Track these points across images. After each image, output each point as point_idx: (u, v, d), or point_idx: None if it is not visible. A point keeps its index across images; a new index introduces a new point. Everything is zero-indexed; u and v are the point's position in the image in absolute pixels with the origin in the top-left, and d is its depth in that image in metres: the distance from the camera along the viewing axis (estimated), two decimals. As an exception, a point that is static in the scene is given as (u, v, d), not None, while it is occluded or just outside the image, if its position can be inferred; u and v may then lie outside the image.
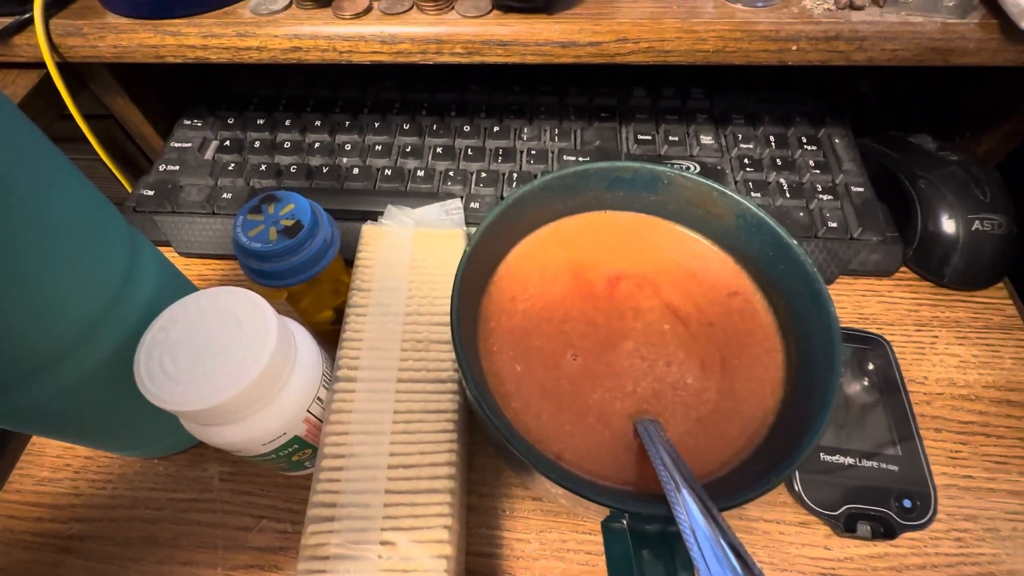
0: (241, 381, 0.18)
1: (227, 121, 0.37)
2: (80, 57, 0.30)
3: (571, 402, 0.20)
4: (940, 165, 0.31)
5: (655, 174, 0.23)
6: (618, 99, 0.38)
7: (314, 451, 0.23)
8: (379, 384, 0.22)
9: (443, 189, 0.33)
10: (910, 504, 0.24)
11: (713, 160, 0.34)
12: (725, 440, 0.19)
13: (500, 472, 0.26)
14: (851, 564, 0.24)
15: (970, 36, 0.26)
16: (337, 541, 0.19)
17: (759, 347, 0.21)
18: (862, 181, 0.33)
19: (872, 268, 0.31)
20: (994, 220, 0.29)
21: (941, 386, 0.28)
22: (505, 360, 0.21)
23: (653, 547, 0.16)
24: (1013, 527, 0.24)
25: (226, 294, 0.20)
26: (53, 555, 0.24)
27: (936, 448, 0.26)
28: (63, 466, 0.27)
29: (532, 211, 0.23)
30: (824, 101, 0.37)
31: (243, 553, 0.24)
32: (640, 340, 0.21)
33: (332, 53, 0.29)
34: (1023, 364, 0.29)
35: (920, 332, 0.30)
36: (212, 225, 0.33)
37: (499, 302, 0.22)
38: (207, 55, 0.30)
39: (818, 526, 0.25)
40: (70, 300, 0.18)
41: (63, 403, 0.20)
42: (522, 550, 0.24)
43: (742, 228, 0.22)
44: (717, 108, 0.37)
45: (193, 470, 0.26)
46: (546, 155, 0.35)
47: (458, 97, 0.38)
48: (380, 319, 0.24)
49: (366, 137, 0.36)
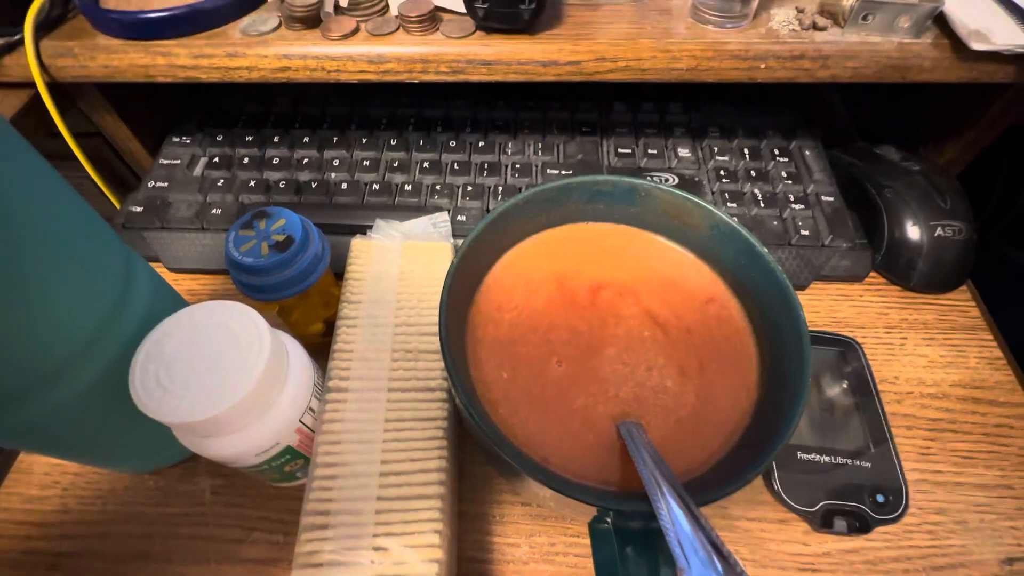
0: (236, 393, 0.18)
1: (216, 138, 0.38)
2: (70, 77, 0.31)
3: (556, 407, 0.21)
4: (904, 175, 0.33)
5: (633, 187, 0.24)
6: (599, 114, 0.39)
7: (306, 461, 0.24)
8: (370, 393, 0.23)
9: (430, 203, 0.34)
10: (883, 499, 0.25)
11: (691, 172, 0.36)
12: (703, 440, 0.20)
13: (490, 479, 0.27)
14: (829, 559, 0.25)
15: (925, 55, 0.28)
16: (331, 548, 0.19)
17: (735, 351, 0.22)
18: (832, 191, 0.34)
19: (843, 273, 0.32)
20: (955, 226, 0.31)
21: (911, 385, 0.29)
22: (492, 368, 0.21)
23: (636, 544, 0.17)
24: (980, 519, 0.26)
25: (220, 308, 0.20)
26: (42, 572, 0.24)
27: (907, 445, 0.27)
28: (51, 483, 0.27)
29: (516, 224, 0.24)
30: (795, 115, 0.39)
31: (236, 566, 0.24)
32: (622, 346, 0.22)
33: (320, 72, 0.30)
34: (987, 363, 0.30)
35: (890, 334, 0.31)
36: (202, 240, 0.33)
37: (486, 312, 0.23)
38: (197, 75, 0.30)
39: (797, 523, 0.25)
40: (67, 317, 0.18)
41: (59, 420, 0.20)
42: (512, 554, 0.25)
43: (716, 237, 0.23)
44: (694, 122, 0.39)
45: (184, 484, 0.26)
46: (530, 168, 0.36)
47: (444, 113, 0.39)
48: (370, 330, 0.25)
49: (354, 152, 0.37)
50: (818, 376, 0.29)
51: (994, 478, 0.27)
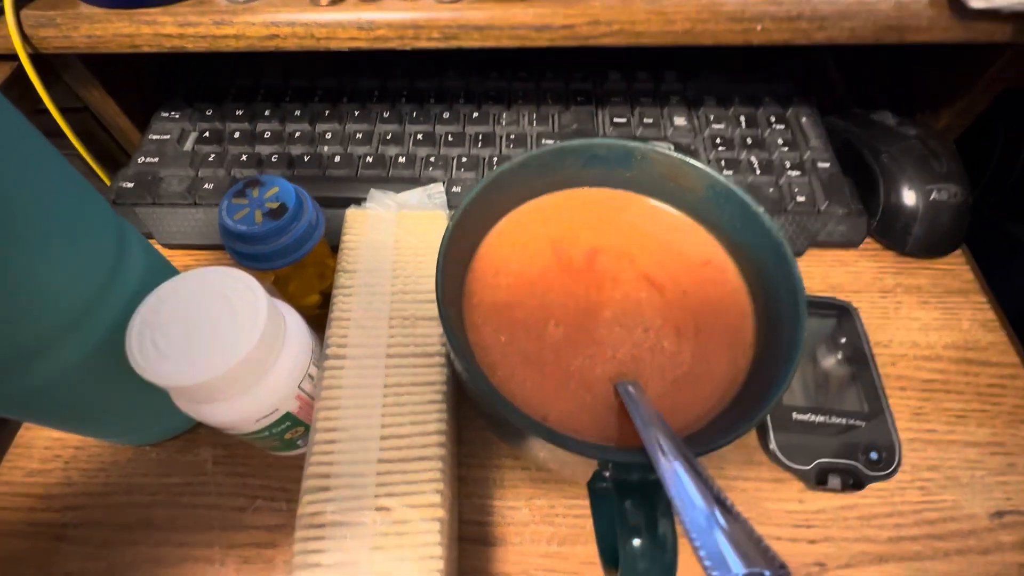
0: (233, 356, 0.18)
1: (205, 112, 0.37)
2: (53, 48, 0.30)
3: (554, 369, 0.21)
4: (900, 139, 0.33)
5: (628, 150, 0.24)
6: (594, 83, 0.39)
7: (306, 429, 0.24)
8: (368, 360, 0.23)
9: (424, 175, 0.34)
10: (877, 456, 0.25)
11: (687, 140, 0.36)
12: (700, 398, 0.20)
13: (488, 445, 0.27)
14: (823, 515, 0.25)
15: (922, 14, 0.28)
16: (333, 509, 0.19)
17: (731, 312, 0.22)
18: (828, 157, 0.34)
19: (839, 239, 0.32)
20: (950, 190, 0.31)
21: (904, 348, 0.30)
22: (490, 332, 0.21)
23: (635, 497, 0.17)
24: (971, 475, 0.26)
25: (214, 273, 0.20)
26: (49, 543, 0.24)
27: (900, 405, 0.28)
28: (52, 457, 0.27)
29: (512, 189, 0.24)
30: (791, 82, 0.39)
31: (240, 532, 0.25)
32: (618, 309, 0.22)
33: (310, 40, 0.30)
34: (980, 325, 0.30)
35: (884, 299, 0.31)
36: (194, 215, 0.33)
37: (482, 278, 0.23)
38: (184, 44, 0.30)
39: (792, 482, 0.26)
40: (61, 286, 0.18)
41: (58, 388, 0.20)
42: (513, 517, 0.25)
43: (712, 199, 0.23)
44: (690, 90, 0.38)
45: (185, 455, 0.27)
46: (525, 139, 0.36)
47: (437, 84, 0.39)
48: (367, 298, 0.24)
49: (346, 125, 0.36)
50: (813, 340, 0.29)
51: (985, 436, 0.27)
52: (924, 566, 0.24)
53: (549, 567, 0.24)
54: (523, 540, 0.24)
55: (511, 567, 0.24)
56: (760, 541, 0.13)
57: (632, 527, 0.16)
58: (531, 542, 0.24)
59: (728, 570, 0.12)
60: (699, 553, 0.13)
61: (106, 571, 0.24)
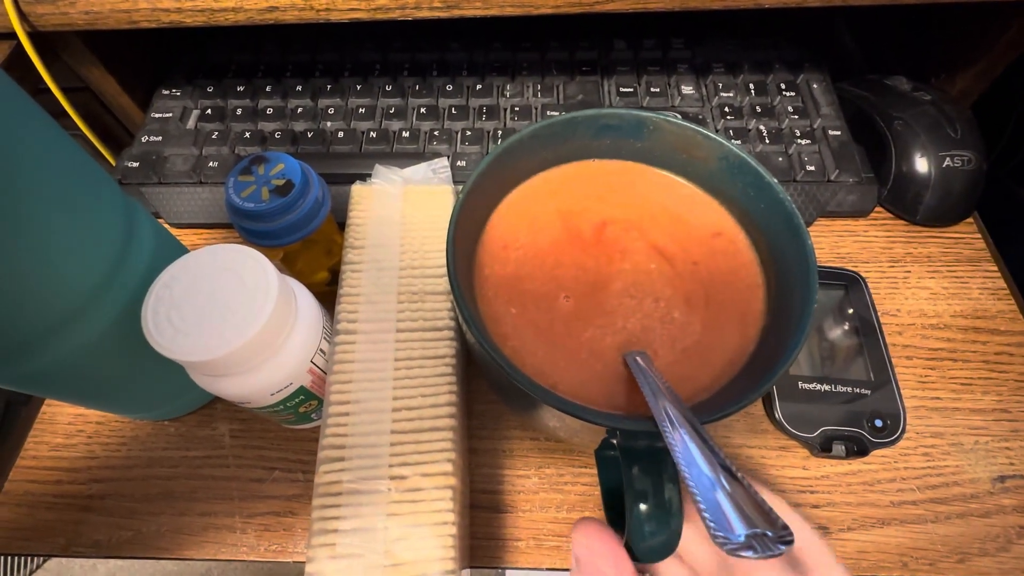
0: (248, 330, 0.18)
1: (207, 89, 0.37)
2: (51, 25, 0.29)
3: (564, 340, 0.21)
4: (914, 105, 0.32)
5: (641, 120, 0.23)
6: (599, 52, 0.38)
7: (319, 403, 0.24)
8: (379, 335, 0.23)
9: (429, 149, 0.34)
10: (881, 424, 0.26)
11: (694, 110, 0.35)
12: (708, 368, 0.20)
13: (499, 417, 0.27)
14: (827, 481, 0.26)
15: (942, -28, 0.27)
16: (349, 478, 0.20)
17: (742, 283, 0.22)
18: (839, 124, 0.34)
19: (849, 209, 0.32)
20: (964, 156, 0.30)
21: (912, 317, 0.30)
22: (500, 304, 0.22)
23: (642, 464, 0.17)
24: (975, 440, 0.26)
25: (224, 251, 0.20)
26: (76, 513, 0.25)
27: (907, 374, 0.28)
28: (76, 432, 0.27)
29: (521, 160, 0.24)
30: (802, 48, 0.38)
31: (259, 502, 0.25)
32: (628, 280, 0.22)
33: (309, 12, 0.29)
34: (989, 293, 0.30)
35: (894, 268, 0.31)
36: (200, 194, 0.33)
37: (492, 251, 0.23)
38: (182, 19, 0.29)
39: (797, 449, 0.26)
40: (72, 266, 0.19)
41: (76, 365, 0.20)
42: (523, 485, 0.26)
43: (725, 170, 0.23)
44: (698, 58, 0.38)
45: (203, 429, 0.27)
46: (530, 111, 0.35)
47: (439, 56, 0.38)
48: (375, 274, 0.25)
49: (349, 100, 0.36)
50: (821, 311, 0.29)
51: (991, 403, 0.27)
52: (926, 528, 0.24)
53: (558, 532, 0.25)
54: (533, 507, 0.25)
55: (522, 532, 0.25)
56: (763, 504, 0.13)
57: (639, 491, 0.16)
58: (541, 509, 0.25)
59: (731, 532, 0.13)
60: (703, 515, 0.13)
61: (133, 540, 0.25)
